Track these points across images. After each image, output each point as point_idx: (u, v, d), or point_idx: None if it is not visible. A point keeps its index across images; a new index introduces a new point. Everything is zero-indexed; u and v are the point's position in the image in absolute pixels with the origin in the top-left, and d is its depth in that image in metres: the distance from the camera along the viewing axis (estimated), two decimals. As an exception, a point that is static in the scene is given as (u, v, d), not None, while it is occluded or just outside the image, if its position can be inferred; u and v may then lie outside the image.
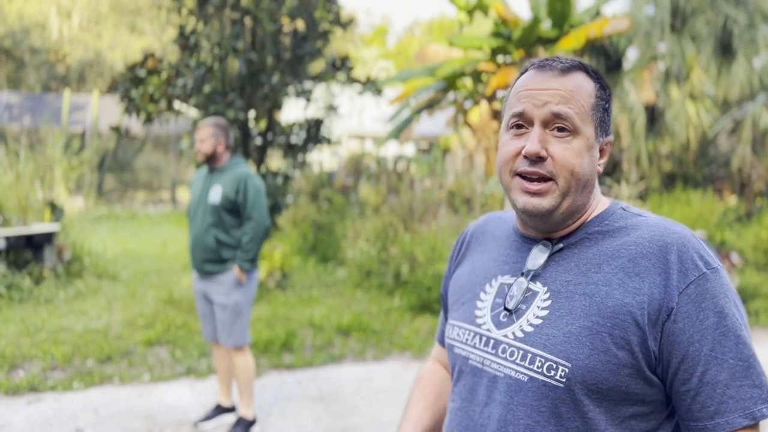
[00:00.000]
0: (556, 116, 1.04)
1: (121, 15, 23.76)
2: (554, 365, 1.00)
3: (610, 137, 1.12)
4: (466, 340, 1.16)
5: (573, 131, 1.04)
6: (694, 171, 10.69)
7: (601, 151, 1.10)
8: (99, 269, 7.51)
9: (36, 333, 5.13)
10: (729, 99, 10.42)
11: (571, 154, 1.03)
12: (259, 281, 6.64)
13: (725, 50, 10.35)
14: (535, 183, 1.05)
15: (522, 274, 1.11)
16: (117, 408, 3.89)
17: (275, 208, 7.64)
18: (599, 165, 1.10)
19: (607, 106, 1.10)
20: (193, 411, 3.89)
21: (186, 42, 7.06)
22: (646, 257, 1.01)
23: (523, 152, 1.05)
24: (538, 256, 1.11)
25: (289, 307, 6.23)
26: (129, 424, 3.67)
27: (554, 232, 1.11)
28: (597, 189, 1.13)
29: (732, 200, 10.08)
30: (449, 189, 7.61)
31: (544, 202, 1.05)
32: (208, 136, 3.53)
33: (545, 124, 1.05)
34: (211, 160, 3.58)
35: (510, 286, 1.12)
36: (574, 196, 1.06)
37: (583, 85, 1.07)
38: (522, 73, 1.14)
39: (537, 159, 1.04)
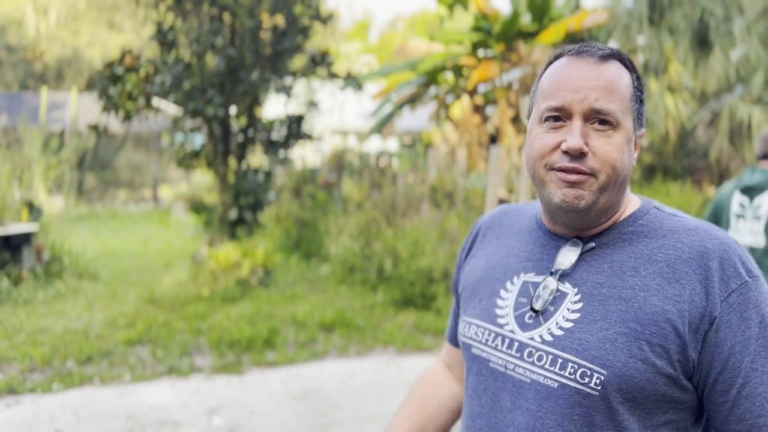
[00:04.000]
0: (597, 112, 0.97)
1: (99, 12, 23.46)
2: (588, 372, 0.95)
3: (644, 130, 1.05)
4: (486, 340, 1.10)
5: (615, 125, 0.98)
6: (674, 162, 10.79)
7: (635, 144, 1.04)
8: (79, 269, 7.43)
9: (14, 335, 5.07)
10: (707, 91, 10.51)
11: (614, 149, 0.98)
12: (245, 278, 6.62)
13: (702, 43, 10.44)
14: (573, 174, 0.98)
15: (551, 274, 1.05)
16: (97, 409, 3.86)
17: (257, 205, 7.61)
18: (634, 159, 1.04)
19: (642, 97, 1.04)
20: (175, 410, 3.87)
21: (164, 38, 6.99)
22: (686, 263, 0.96)
23: (564, 147, 0.98)
24: (568, 255, 1.04)
25: (271, 304, 6.21)
26: (110, 425, 3.64)
27: (585, 229, 1.05)
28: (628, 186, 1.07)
29: (711, 191, 10.20)
30: (431, 184, 7.62)
31: (583, 197, 0.98)
32: None
33: (586, 118, 0.99)
34: None
35: (536, 284, 1.06)
36: (611, 193, 1.00)
37: (621, 76, 1.01)
38: (552, 60, 1.07)
39: (579, 155, 0.98)
